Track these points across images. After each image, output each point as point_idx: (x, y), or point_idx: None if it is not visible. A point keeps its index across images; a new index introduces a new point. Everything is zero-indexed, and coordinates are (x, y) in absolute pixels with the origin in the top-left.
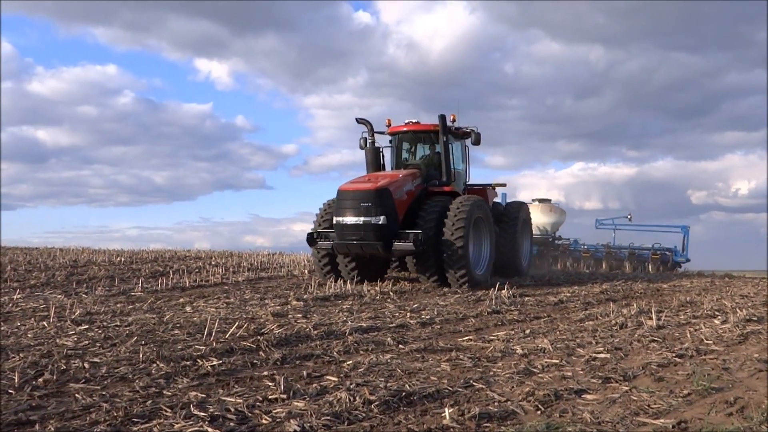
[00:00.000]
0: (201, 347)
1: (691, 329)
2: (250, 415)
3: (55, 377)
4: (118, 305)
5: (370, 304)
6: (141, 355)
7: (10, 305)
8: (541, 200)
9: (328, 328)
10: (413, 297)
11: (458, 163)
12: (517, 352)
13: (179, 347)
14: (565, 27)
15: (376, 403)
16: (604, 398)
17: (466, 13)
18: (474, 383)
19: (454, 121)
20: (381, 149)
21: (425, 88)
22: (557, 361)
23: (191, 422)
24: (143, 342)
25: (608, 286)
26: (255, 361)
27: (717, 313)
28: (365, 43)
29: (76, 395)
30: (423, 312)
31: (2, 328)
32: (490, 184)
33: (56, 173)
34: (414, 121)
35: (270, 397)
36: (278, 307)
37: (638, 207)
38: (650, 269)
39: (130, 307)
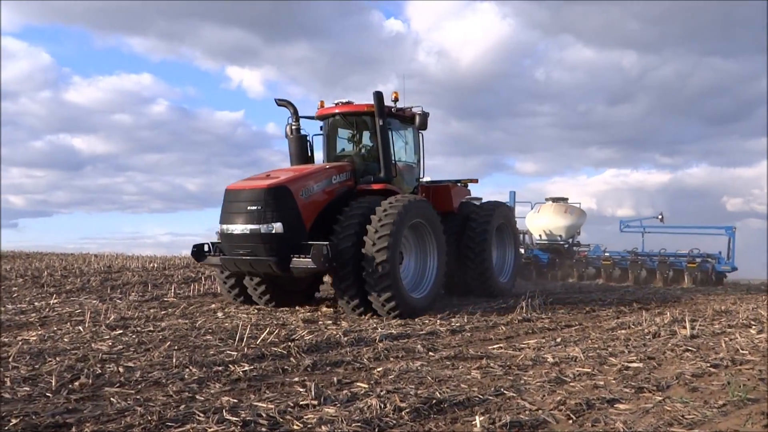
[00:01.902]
0: (233, 353)
1: (726, 339)
2: (281, 420)
3: (90, 381)
4: (152, 311)
5: None
6: (174, 360)
7: (47, 310)
8: (555, 199)
9: (358, 335)
10: (443, 304)
11: (406, 154)
12: (548, 360)
13: (211, 352)
14: (598, 32)
15: (407, 410)
16: (637, 408)
17: (497, 20)
18: (505, 391)
19: (396, 100)
20: (309, 138)
21: (456, 95)
22: (589, 369)
23: (224, 426)
24: (176, 347)
25: (641, 294)
26: (286, 367)
27: (753, 322)
28: (396, 51)
29: (111, 399)
30: (453, 319)
31: (39, 332)
32: (458, 181)
33: (92, 180)
34: (345, 101)
35: (301, 402)
36: (308, 314)
37: (672, 214)
38: (686, 281)
39: (163, 312)
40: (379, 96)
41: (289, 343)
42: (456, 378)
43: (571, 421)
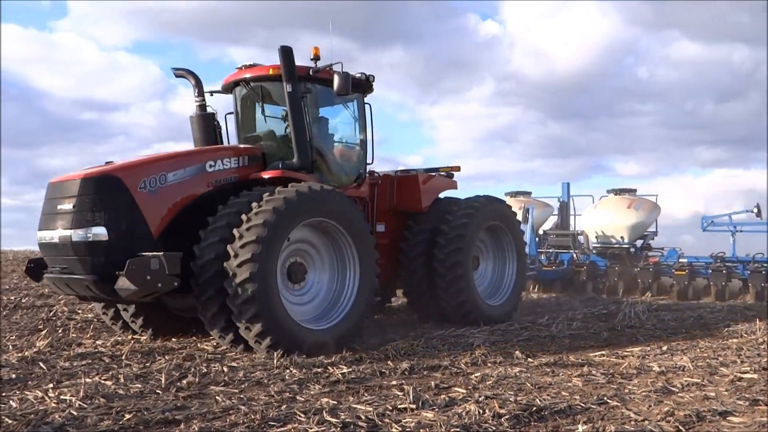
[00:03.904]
0: (332, 355)
1: None
2: (380, 423)
3: (197, 380)
4: None
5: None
6: (275, 361)
7: None
8: (618, 191)
9: (455, 340)
10: (543, 309)
11: (345, 132)
12: (654, 369)
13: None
14: (705, 27)
15: (506, 416)
16: (751, 421)
17: (596, 18)
18: (608, 400)
19: (315, 59)
20: (216, 117)
21: (553, 97)
22: (698, 380)
23: (324, 428)
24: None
25: (755, 302)
26: (383, 370)
27: None
28: (491, 53)
29: (217, 397)
30: (552, 326)
31: (150, 332)
32: (436, 169)
33: None
34: (250, 63)
35: (399, 406)
36: (405, 316)
37: None
38: None
39: None
40: (285, 52)
41: (386, 347)
42: (556, 385)
43: None
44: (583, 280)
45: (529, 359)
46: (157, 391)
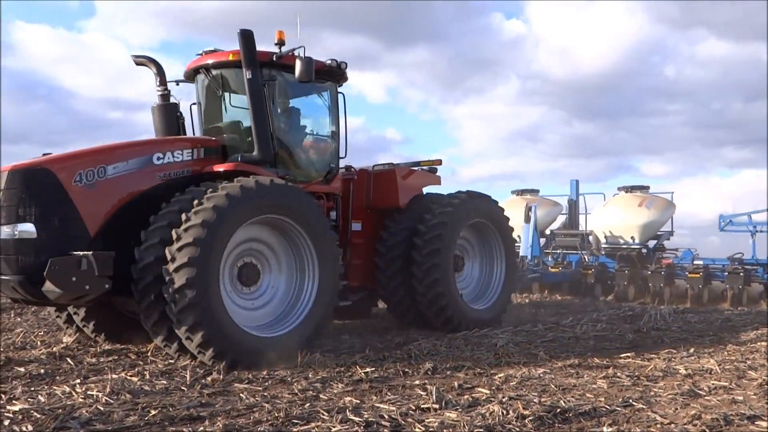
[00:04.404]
0: (354, 354)
1: None
2: (403, 423)
3: (221, 377)
4: None
5: (517, 315)
6: (299, 359)
7: None
8: (630, 188)
9: (479, 340)
10: (566, 310)
11: (316, 124)
12: (680, 372)
13: (333, 353)
14: (734, 25)
15: (530, 417)
16: None
17: (622, 16)
18: (633, 403)
19: (280, 43)
20: (179, 108)
21: (578, 96)
22: (726, 383)
23: (347, 426)
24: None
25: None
26: (406, 370)
27: None
28: (516, 52)
29: (241, 395)
30: (576, 327)
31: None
32: (417, 163)
33: None
34: (211, 49)
35: (422, 406)
36: None
37: None
38: None
39: None
40: (245, 36)
41: (409, 346)
42: (581, 387)
43: None
44: (590, 283)
45: (553, 360)
46: (182, 387)
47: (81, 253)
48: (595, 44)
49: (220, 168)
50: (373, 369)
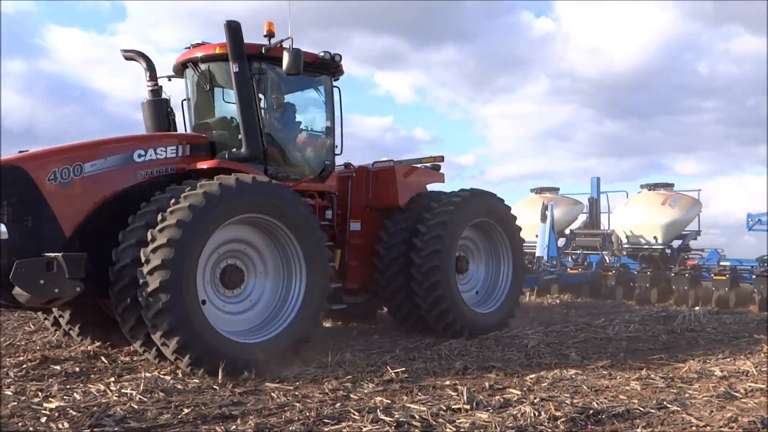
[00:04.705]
0: (385, 354)
1: None
2: (434, 423)
3: (252, 376)
4: None
5: (548, 315)
6: (330, 359)
7: None
8: (653, 186)
9: (509, 340)
10: (598, 311)
11: (311, 119)
12: (716, 373)
13: (363, 353)
14: None
15: (562, 419)
16: None
17: (654, 13)
18: (668, 405)
19: (269, 35)
20: (170, 104)
21: (609, 94)
22: (762, 385)
23: (378, 426)
24: (330, 348)
25: None
26: (437, 370)
27: None
28: (546, 50)
29: (272, 394)
30: (608, 327)
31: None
32: (419, 160)
33: None
34: (199, 42)
35: (453, 406)
36: None
37: None
38: None
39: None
40: (231, 27)
41: (440, 347)
42: (614, 388)
43: None
44: (611, 285)
45: (586, 361)
46: (214, 386)
47: (52, 254)
48: (626, 41)
49: (203, 165)
50: (404, 369)
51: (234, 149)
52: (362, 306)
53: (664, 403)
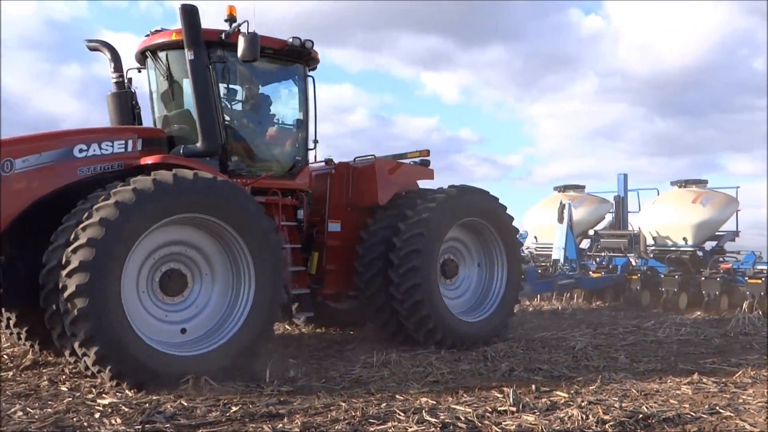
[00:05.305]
0: (429, 355)
1: None
2: (479, 425)
3: (299, 376)
4: None
5: (597, 318)
6: (375, 359)
7: None
8: (684, 183)
9: (557, 342)
10: (646, 313)
11: (282, 111)
12: None
13: (408, 354)
14: None
15: (611, 423)
16: None
17: (707, 8)
18: (720, 410)
19: (230, 20)
20: (135, 96)
21: (660, 92)
22: None
23: (423, 427)
24: (375, 349)
25: None
26: (482, 372)
27: None
28: (595, 48)
29: (318, 394)
30: (659, 330)
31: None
32: (403, 155)
33: None
34: (159, 28)
35: (499, 408)
36: None
37: None
38: None
39: None
40: (186, 11)
41: (485, 348)
42: (664, 392)
43: None
44: (636, 290)
45: (635, 364)
46: (262, 385)
47: None
48: (678, 38)
49: (147, 161)
50: (449, 370)
51: (193, 144)
52: (348, 313)
53: (717, 408)
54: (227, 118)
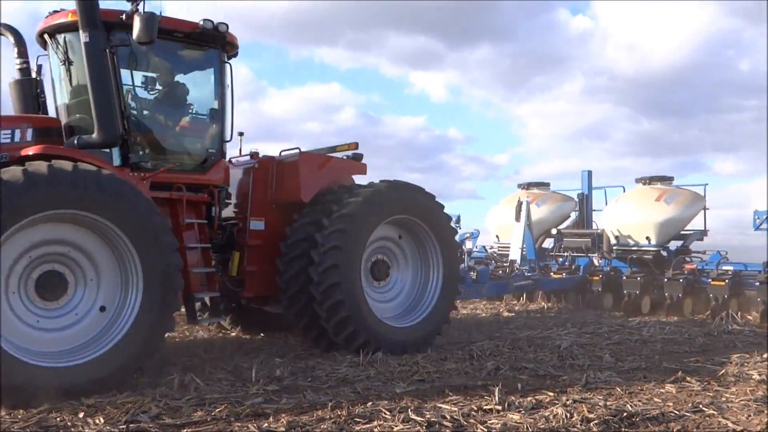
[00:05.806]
0: (415, 354)
1: None
2: (465, 423)
3: (285, 375)
4: None
5: (582, 316)
6: (361, 358)
7: None
8: (649, 180)
9: (542, 341)
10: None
11: (195, 99)
12: (754, 377)
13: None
14: None
15: (595, 421)
16: None
17: (694, 8)
18: (704, 408)
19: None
20: (41, 84)
21: (646, 91)
22: None
23: (409, 426)
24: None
25: None
26: (468, 371)
27: None
28: (583, 48)
29: (304, 393)
30: (643, 329)
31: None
32: (333, 148)
33: None
34: (57, 9)
35: (485, 407)
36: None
37: None
38: None
39: None
40: None
41: (471, 347)
42: (648, 391)
43: None
44: (597, 292)
45: (619, 363)
46: (248, 385)
47: None
48: (665, 38)
49: (28, 151)
50: (435, 369)
51: (88, 134)
52: (278, 316)
53: (700, 406)
54: (133, 106)
